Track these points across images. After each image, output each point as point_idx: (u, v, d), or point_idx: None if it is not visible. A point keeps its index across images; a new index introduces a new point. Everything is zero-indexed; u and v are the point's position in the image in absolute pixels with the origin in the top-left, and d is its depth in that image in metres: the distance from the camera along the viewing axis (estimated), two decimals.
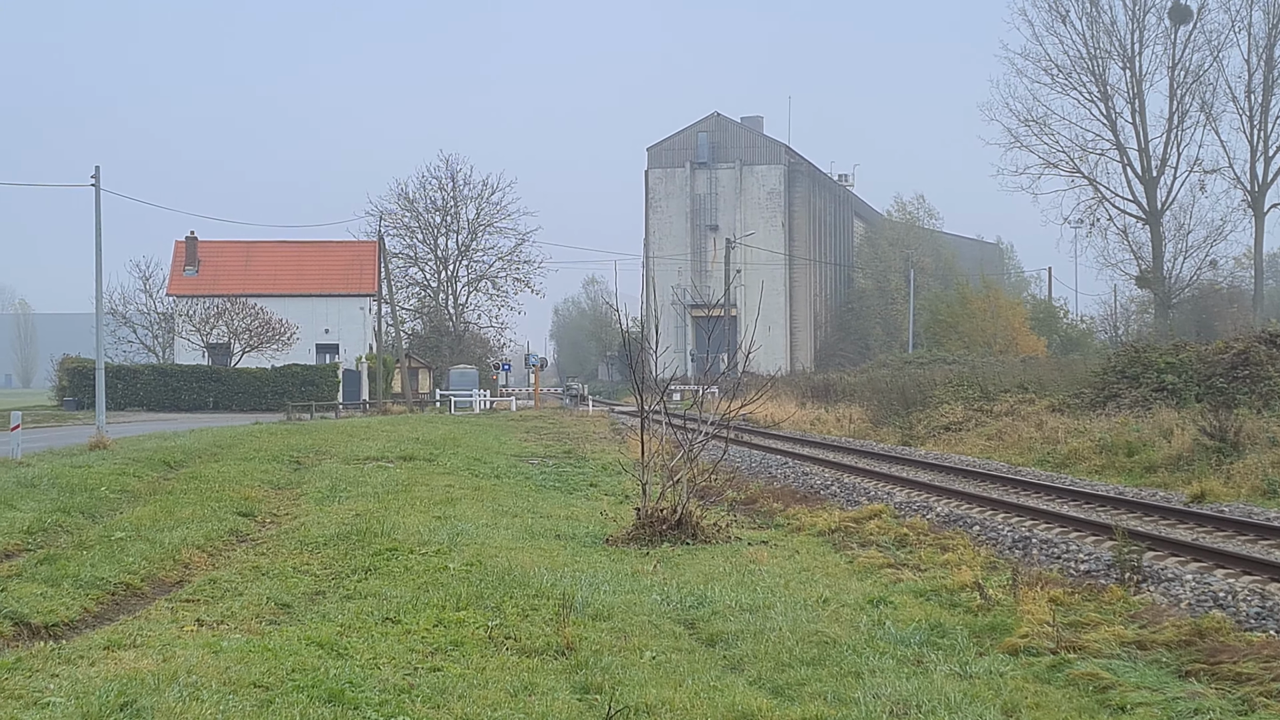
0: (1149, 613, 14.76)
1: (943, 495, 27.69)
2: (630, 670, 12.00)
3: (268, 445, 36.05)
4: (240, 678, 10.71)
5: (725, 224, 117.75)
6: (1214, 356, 39.35)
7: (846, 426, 54.20)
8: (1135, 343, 49.87)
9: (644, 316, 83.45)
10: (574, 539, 21.20)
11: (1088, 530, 21.77)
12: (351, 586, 15.90)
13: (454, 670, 11.69)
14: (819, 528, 23.12)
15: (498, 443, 43.45)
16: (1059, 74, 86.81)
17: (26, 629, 13.61)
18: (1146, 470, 30.95)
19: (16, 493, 23.00)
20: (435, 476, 29.98)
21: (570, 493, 29.66)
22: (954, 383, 52.49)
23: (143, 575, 16.90)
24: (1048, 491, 28.02)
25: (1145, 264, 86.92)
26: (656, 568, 18.11)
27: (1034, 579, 16.30)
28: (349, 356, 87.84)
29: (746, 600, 15.39)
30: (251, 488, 26.62)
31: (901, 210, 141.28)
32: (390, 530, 20.00)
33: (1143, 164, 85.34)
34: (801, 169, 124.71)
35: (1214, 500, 25.62)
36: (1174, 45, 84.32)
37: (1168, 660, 12.66)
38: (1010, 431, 41.04)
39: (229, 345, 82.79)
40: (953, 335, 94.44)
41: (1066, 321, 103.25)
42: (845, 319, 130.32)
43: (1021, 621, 13.99)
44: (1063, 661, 12.58)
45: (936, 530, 22.26)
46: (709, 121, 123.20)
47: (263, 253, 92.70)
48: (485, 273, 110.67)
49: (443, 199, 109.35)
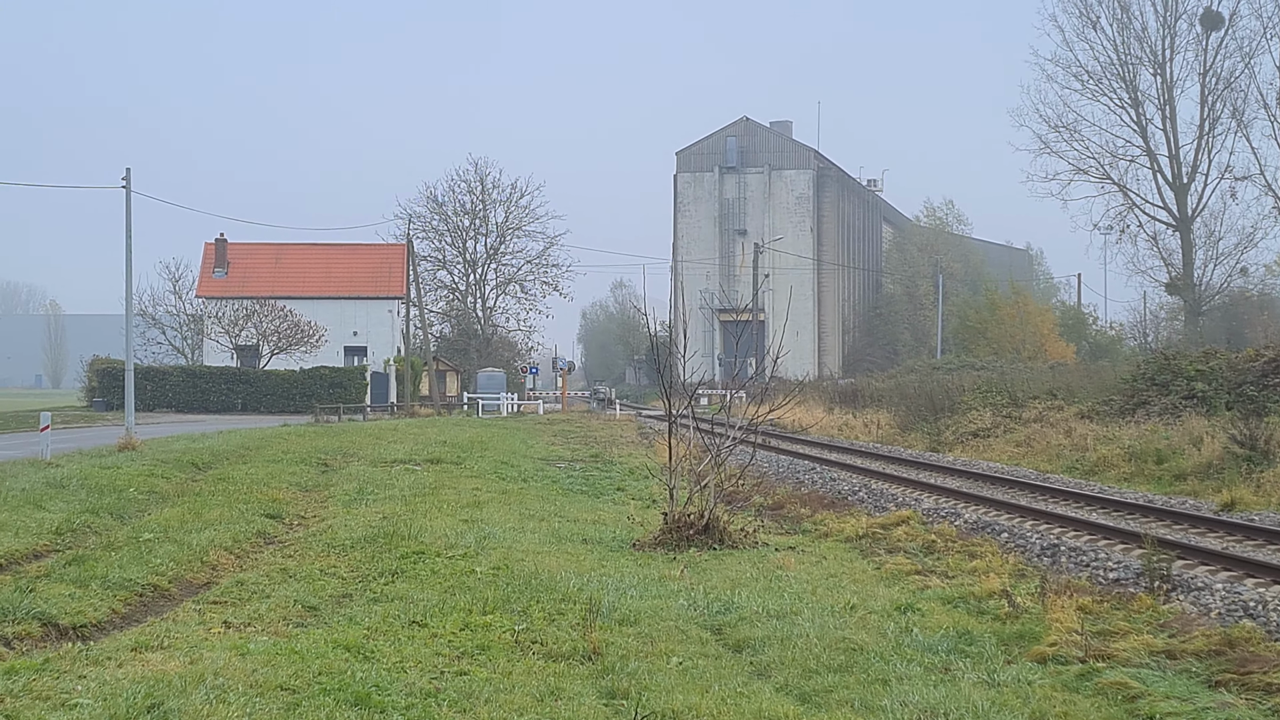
0: (1178, 622, 14.68)
1: (971, 502, 27.60)
2: (657, 676, 11.97)
3: (295, 447, 36.15)
4: (267, 680, 10.72)
5: (753, 228, 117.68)
6: (1244, 364, 39.16)
7: (874, 432, 54.08)
8: (1165, 350, 49.62)
9: (672, 320, 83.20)
10: (601, 543, 21.16)
11: (1116, 538, 21.66)
12: (378, 589, 15.91)
13: (480, 674, 11.67)
14: (846, 534, 23.05)
15: (525, 446, 43.48)
16: (1089, 80, 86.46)
17: (55, 630, 13.65)
18: (1176, 478, 30.82)
19: (46, 493, 23.10)
20: (462, 480, 30.01)
21: (597, 497, 29.64)
22: (982, 389, 52.28)
23: (170, 577, 16.93)
24: (1076, 499, 27.90)
25: (1175, 271, 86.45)
26: (683, 573, 18.06)
27: (1062, 587, 16.21)
28: (377, 359, 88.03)
29: (774, 606, 15.34)
30: (279, 490, 26.69)
31: (931, 215, 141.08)
32: (417, 533, 20.02)
33: (1173, 170, 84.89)
34: (830, 174, 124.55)
35: (1244, 509, 25.49)
36: (1205, 51, 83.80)
37: (1197, 670, 12.58)
38: (1039, 438, 40.89)
39: (258, 347, 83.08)
40: (981, 341, 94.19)
41: (1096, 328, 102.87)
42: (873, 324, 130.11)
43: (1050, 630, 13.91)
44: (1091, 670, 12.49)
45: (964, 537, 22.17)
46: (738, 126, 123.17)
47: (292, 255, 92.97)
48: (513, 276, 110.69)
49: (471, 202, 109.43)
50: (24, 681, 10.61)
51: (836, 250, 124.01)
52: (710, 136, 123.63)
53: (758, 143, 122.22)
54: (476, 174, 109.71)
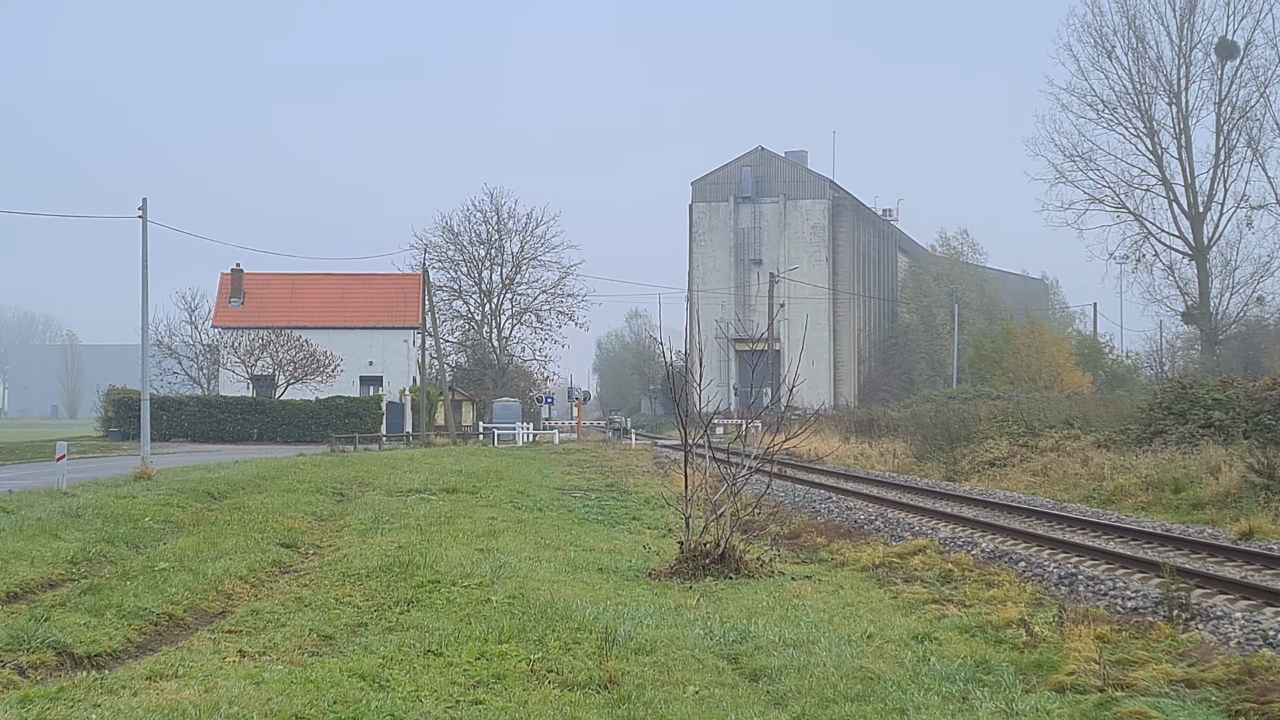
0: (1197, 651, 14.59)
1: (988, 531, 27.50)
2: (673, 705, 11.92)
3: (311, 477, 36.15)
4: (282, 709, 10.68)
5: (769, 258, 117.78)
6: (1262, 393, 39.04)
7: (890, 461, 53.98)
8: (1182, 379, 49.47)
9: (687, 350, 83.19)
10: (616, 572, 21.10)
11: (1134, 567, 21.56)
12: (394, 618, 15.87)
13: (496, 703, 11.63)
14: (863, 563, 22.97)
15: (540, 475, 43.45)
16: (1104, 109, 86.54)
17: (69, 659, 13.62)
18: (1193, 507, 30.69)
19: (61, 523, 23.11)
20: (478, 509, 29.98)
21: (613, 526, 29.58)
22: (998, 418, 52.20)
23: (185, 605, 16.91)
24: (1094, 528, 27.80)
25: (1191, 300, 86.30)
26: (699, 602, 18.01)
27: (1080, 616, 16.14)
28: (393, 389, 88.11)
29: (790, 635, 15.27)
30: (295, 519, 26.68)
31: (945, 245, 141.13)
32: (433, 562, 19.98)
33: (1189, 200, 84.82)
34: (845, 203, 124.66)
35: (1263, 538, 25.36)
36: (1220, 81, 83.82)
37: (1217, 699, 12.49)
38: (1055, 467, 40.78)
39: (273, 377, 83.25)
40: (997, 370, 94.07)
41: (1112, 357, 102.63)
42: (889, 353, 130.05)
43: (1068, 659, 13.83)
44: (1110, 700, 12.40)
45: (981, 566, 22.08)
46: (753, 155, 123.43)
47: (308, 285, 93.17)
48: (529, 306, 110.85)
49: (487, 232, 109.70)
50: (38, 710, 10.58)
51: (852, 280, 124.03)
52: (725, 166, 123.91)
53: (773, 172, 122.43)
54: (492, 204, 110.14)
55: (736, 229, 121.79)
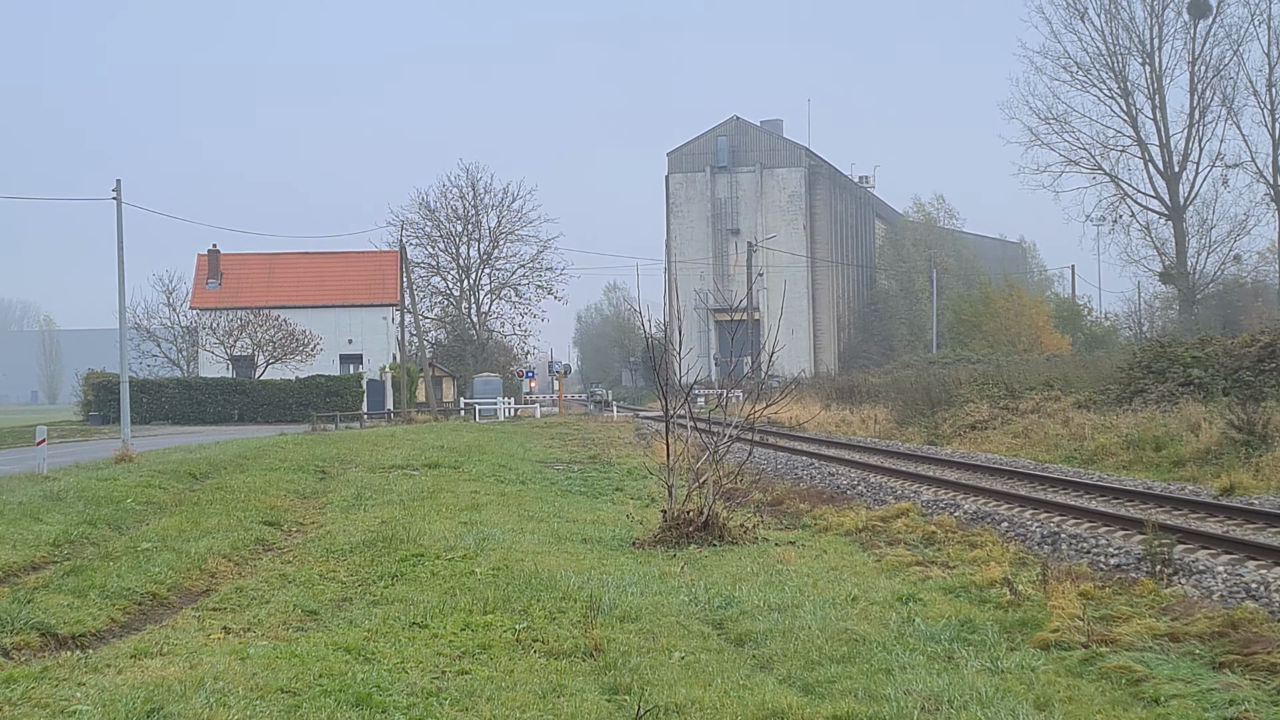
0: (1181, 605, 14.65)
1: (970, 493, 27.58)
2: (659, 670, 11.93)
3: (293, 455, 36.11)
4: (267, 683, 10.67)
5: (746, 227, 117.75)
6: (1240, 350, 39.16)
7: (872, 427, 54.07)
8: (1160, 338, 49.59)
9: (667, 321, 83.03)
10: (600, 542, 21.13)
11: (1117, 525, 21.64)
12: (378, 592, 15.88)
13: (482, 673, 11.64)
14: (846, 527, 23.03)
15: (522, 449, 43.44)
16: (1078, 71, 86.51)
17: (54, 639, 13.60)
18: (1174, 465, 30.81)
19: (43, 506, 23.03)
20: (461, 483, 29.97)
21: (596, 497, 29.60)
22: (979, 382, 52.33)
23: (169, 585, 16.89)
24: (1075, 487, 27.88)
25: (1169, 260, 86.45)
26: (684, 569, 18.04)
27: (1064, 574, 16.20)
28: (373, 367, 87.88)
29: (775, 600, 15.31)
30: (277, 497, 26.65)
31: (920, 211, 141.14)
32: (416, 536, 19.99)
33: (1164, 160, 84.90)
34: (822, 171, 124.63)
35: (1243, 493, 25.48)
36: (1194, 40, 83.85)
37: (1201, 652, 12.54)
38: (1036, 429, 40.90)
39: (253, 357, 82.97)
40: (977, 335, 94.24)
41: (1090, 319, 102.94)
42: (869, 320, 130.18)
43: (1052, 616, 13.87)
44: (1095, 655, 12.45)
45: (964, 527, 22.15)
46: (728, 125, 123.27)
47: (285, 264, 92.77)
48: (508, 280, 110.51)
49: (464, 208, 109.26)
50: (22, 689, 10.56)
51: (830, 247, 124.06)
52: (701, 137, 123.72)
53: (749, 142, 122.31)
54: (468, 179, 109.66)
55: (714, 199, 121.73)
